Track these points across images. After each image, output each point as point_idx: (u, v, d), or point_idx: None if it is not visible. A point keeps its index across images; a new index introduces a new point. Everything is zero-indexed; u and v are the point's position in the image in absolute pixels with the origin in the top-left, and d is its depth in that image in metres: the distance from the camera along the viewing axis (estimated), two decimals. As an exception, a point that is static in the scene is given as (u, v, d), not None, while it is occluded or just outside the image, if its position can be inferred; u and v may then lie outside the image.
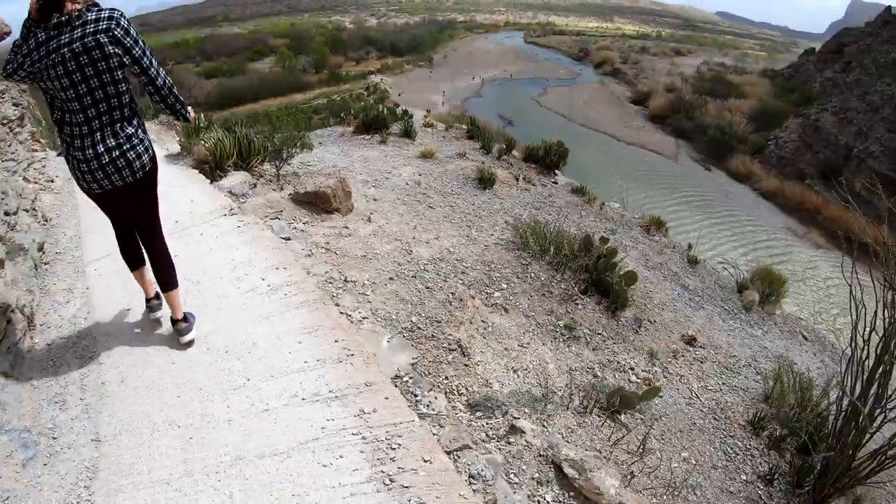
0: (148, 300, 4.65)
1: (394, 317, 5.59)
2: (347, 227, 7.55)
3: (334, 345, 4.40)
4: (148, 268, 4.42)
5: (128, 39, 3.58)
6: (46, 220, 7.03)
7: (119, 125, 3.72)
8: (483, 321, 6.05)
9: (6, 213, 5.75)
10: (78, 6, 3.42)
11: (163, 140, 11.87)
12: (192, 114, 4.38)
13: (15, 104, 8.69)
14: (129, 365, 4.27)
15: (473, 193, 10.66)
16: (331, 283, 5.81)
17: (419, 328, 5.51)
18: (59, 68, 3.39)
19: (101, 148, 3.67)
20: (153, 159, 4.05)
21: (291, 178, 9.52)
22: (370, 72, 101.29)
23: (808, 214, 37.54)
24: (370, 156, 12.49)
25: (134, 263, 4.45)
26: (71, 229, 6.94)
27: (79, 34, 3.40)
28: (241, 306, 4.92)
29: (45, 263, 6.06)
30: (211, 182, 8.03)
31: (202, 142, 8.99)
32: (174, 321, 4.40)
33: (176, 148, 10.12)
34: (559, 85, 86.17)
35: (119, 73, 3.59)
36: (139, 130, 3.90)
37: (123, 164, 3.78)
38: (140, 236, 4.31)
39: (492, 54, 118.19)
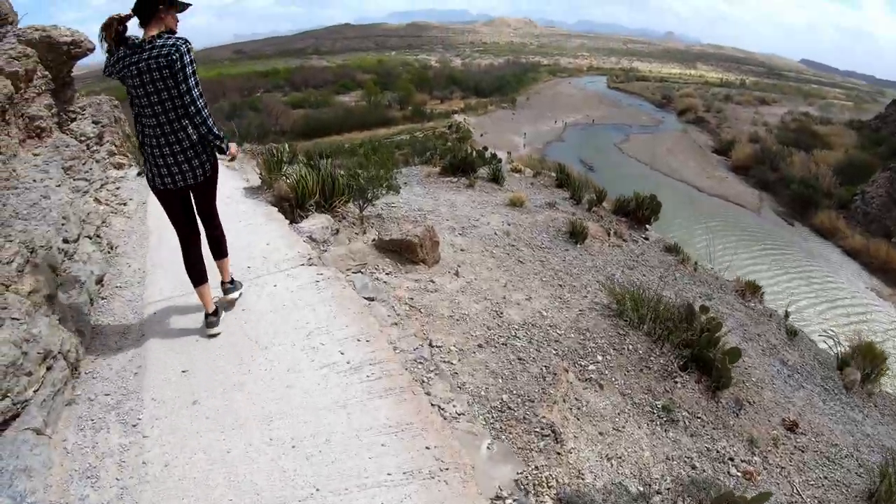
0: (207, 315, 4.97)
1: (483, 393, 4.87)
2: (433, 282, 7.03)
3: (425, 453, 3.61)
4: (208, 286, 4.95)
5: (178, 64, 4.14)
6: (112, 248, 6.66)
7: (185, 132, 4.35)
8: (577, 399, 5.45)
9: (65, 241, 5.37)
10: (152, 33, 4.17)
11: (244, 169, 11.63)
12: (235, 149, 4.75)
13: (95, 121, 8.46)
14: (176, 446, 3.71)
15: (564, 248, 10.10)
16: (420, 363, 4.99)
17: (510, 408, 4.80)
18: (136, 80, 4.15)
19: (167, 150, 4.35)
20: (214, 166, 4.68)
21: (375, 221, 8.97)
22: (454, 111, 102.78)
23: (895, 275, 35.57)
24: (457, 200, 12.00)
25: (198, 280, 4.90)
26: (137, 261, 6.54)
27: (145, 56, 4.13)
28: (314, 386, 4.20)
29: (103, 298, 5.67)
30: (290, 223, 7.50)
31: (284, 177, 8.54)
32: (223, 283, 5.28)
33: (256, 180, 9.69)
34: (641, 132, 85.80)
35: (174, 96, 4.25)
36: (204, 150, 4.51)
37: (187, 168, 4.44)
38: (201, 219, 4.90)
39: (575, 98, 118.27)
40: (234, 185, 9.48)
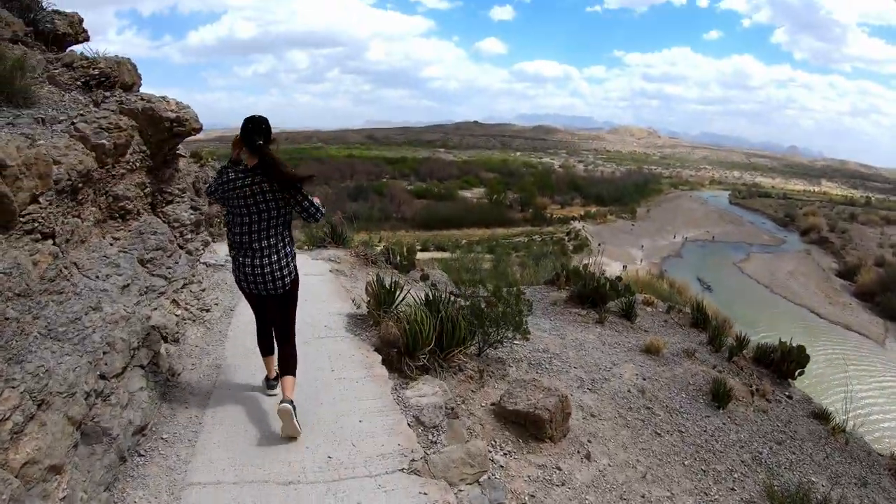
0: (268, 379, 5.49)
1: None
2: (560, 468, 5.96)
3: None
4: (273, 358, 5.33)
5: (292, 190, 4.59)
6: (172, 376, 5.41)
7: (275, 248, 4.70)
8: None
9: (102, 377, 4.10)
10: (255, 162, 4.54)
11: (356, 278, 10.67)
12: (318, 200, 4.99)
13: (194, 207, 7.48)
14: None
15: (705, 414, 8.92)
16: None
17: None
18: (247, 199, 4.55)
19: (257, 261, 4.68)
20: (295, 280, 4.95)
21: (495, 367, 7.45)
22: (573, 217, 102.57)
23: None
24: (586, 341, 10.64)
25: (266, 351, 5.36)
26: (196, 404, 5.18)
27: (257, 180, 4.54)
28: None
29: (140, 455, 4.37)
30: (395, 385, 5.90)
31: (394, 316, 6.96)
32: (284, 399, 4.84)
33: (363, 306, 8.34)
34: (762, 251, 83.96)
35: (285, 209, 4.67)
36: (290, 256, 4.83)
37: (270, 279, 4.72)
38: (276, 334, 5.15)
39: (695, 213, 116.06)
40: (338, 307, 8.32)
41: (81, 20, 8.41)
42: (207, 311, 7.10)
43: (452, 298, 7.65)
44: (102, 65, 6.91)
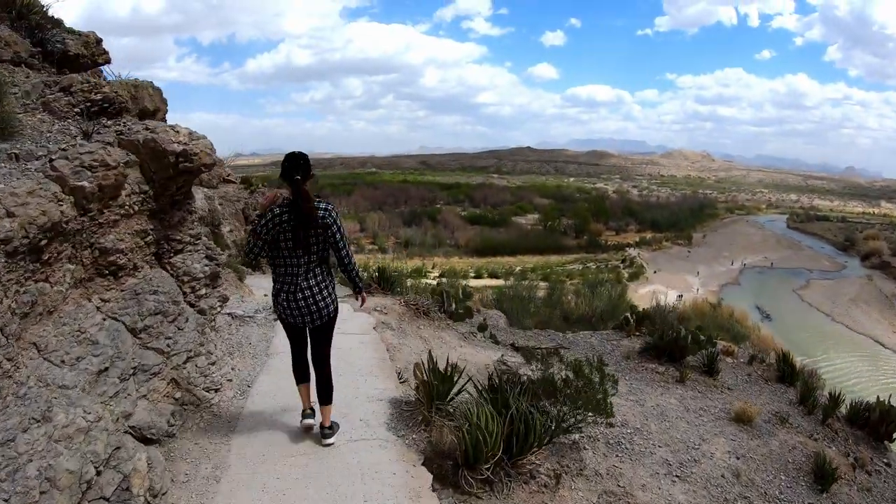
0: (304, 411, 5.41)
1: None
2: None
3: None
4: (309, 385, 5.38)
5: (334, 227, 4.83)
6: (153, 497, 3.99)
7: (316, 281, 4.92)
8: None
9: None
10: (309, 204, 4.72)
11: (404, 331, 9.35)
12: (365, 303, 5.46)
13: (210, 257, 6.19)
14: None
15: (808, 500, 7.61)
16: None
17: None
18: (282, 234, 4.75)
19: (299, 294, 4.88)
20: (335, 311, 5.10)
21: (569, 459, 5.96)
22: (628, 244, 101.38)
23: None
24: (668, 407, 9.22)
25: (301, 379, 5.37)
26: None
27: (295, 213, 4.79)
28: None
29: None
30: (449, 497, 4.59)
31: (449, 408, 5.61)
32: (322, 426, 5.26)
33: (410, 381, 6.93)
34: (822, 277, 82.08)
35: (323, 245, 4.88)
36: (331, 288, 5.04)
37: (315, 309, 4.92)
38: (313, 361, 5.27)
39: (752, 238, 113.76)
40: (380, 387, 6.69)
41: (99, 40, 7.60)
42: (217, 390, 5.82)
43: (524, 379, 6.39)
44: (107, 89, 5.93)
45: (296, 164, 4.72)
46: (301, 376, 5.41)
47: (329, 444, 5.19)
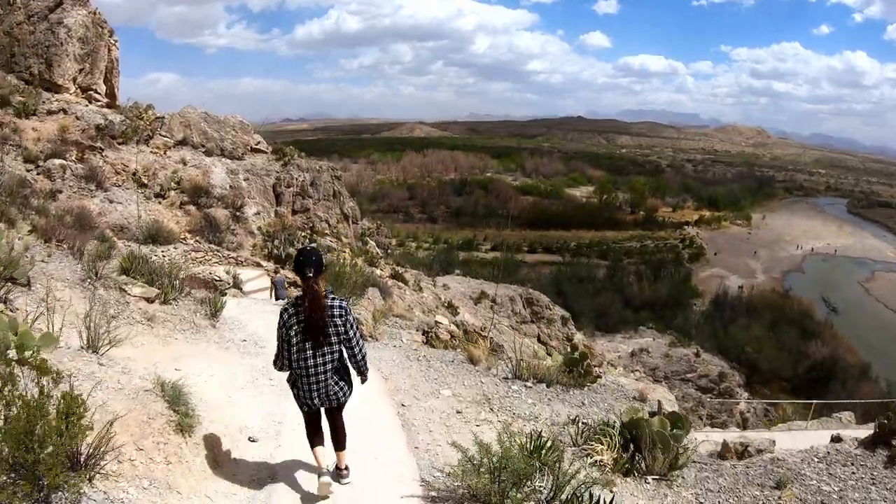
0: (320, 472, 5.27)
1: None
2: None
3: None
4: (323, 448, 5.34)
5: (346, 324, 5.00)
6: None
7: (333, 366, 5.08)
8: None
9: None
10: (326, 301, 4.90)
11: (446, 377, 8.53)
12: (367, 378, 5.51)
13: None
14: None
15: None
16: None
17: None
18: (297, 327, 4.93)
19: (313, 380, 5.04)
20: (351, 392, 5.30)
21: None
22: (686, 222, 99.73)
23: None
24: None
25: (315, 442, 5.36)
26: None
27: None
28: None
29: None
30: None
31: None
32: (337, 468, 5.44)
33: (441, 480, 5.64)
34: (887, 269, 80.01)
35: (335, 336, 5.00)
36: (345, 373, 5.21)
37: (332, 394, 5.13)
38: (328, 418, 5.38)
39: (813, 222, 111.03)
40: None
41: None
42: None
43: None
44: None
45: (308, 261, 4.84)
46: (315, 440, 5.44)
47: (347, 484, 5.38)
